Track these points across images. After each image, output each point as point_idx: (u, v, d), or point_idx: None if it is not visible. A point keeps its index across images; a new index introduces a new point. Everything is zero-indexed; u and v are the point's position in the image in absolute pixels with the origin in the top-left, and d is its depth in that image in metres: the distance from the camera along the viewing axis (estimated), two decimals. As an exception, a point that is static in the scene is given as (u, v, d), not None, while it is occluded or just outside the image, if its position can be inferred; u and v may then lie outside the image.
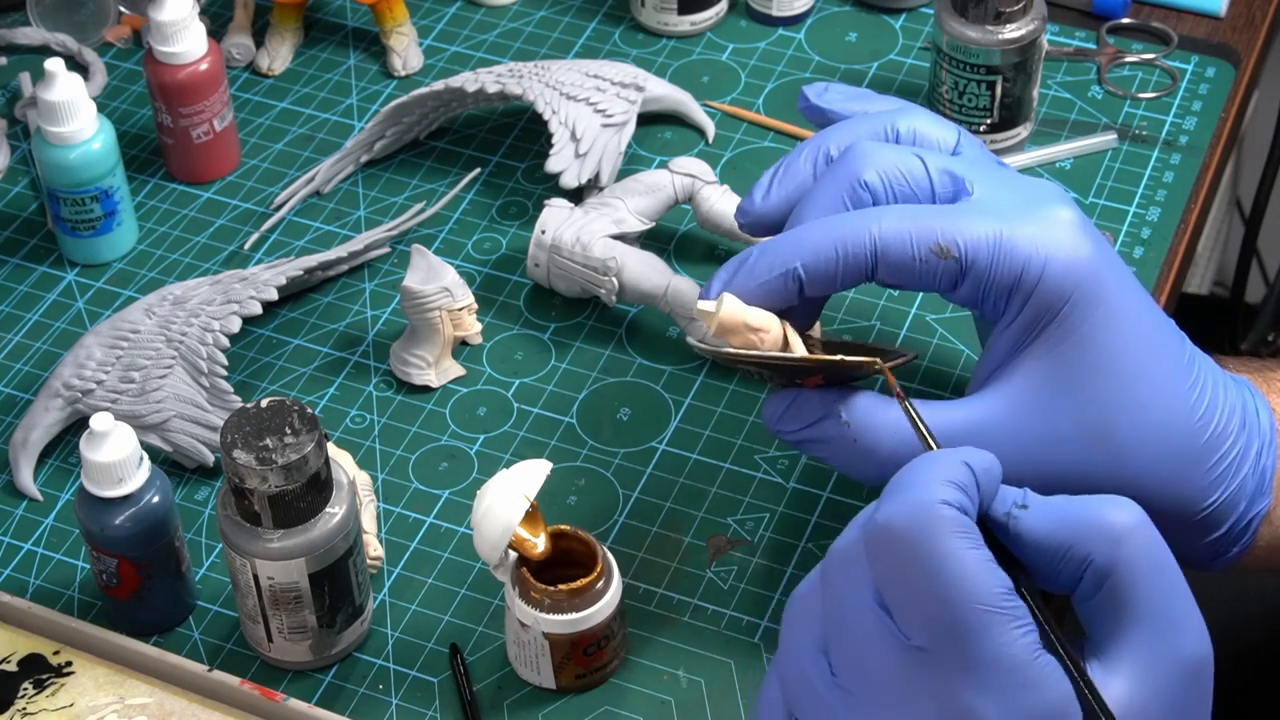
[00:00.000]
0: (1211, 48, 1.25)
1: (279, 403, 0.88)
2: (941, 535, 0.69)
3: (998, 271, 0.84)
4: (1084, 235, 0.84)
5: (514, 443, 1.04)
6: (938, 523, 0.69)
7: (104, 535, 0.91)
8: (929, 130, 0.90)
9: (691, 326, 1.06)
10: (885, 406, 0.85)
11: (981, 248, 0.84)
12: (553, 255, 1.08)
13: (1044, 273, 0.83)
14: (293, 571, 0.89)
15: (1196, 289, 1.93)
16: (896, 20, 1.28)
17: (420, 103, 1.18)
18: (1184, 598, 0.72)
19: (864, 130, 0.90)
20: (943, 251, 0.84)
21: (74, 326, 1.11)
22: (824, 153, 0.89)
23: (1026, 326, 0.84)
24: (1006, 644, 0.68)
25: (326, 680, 0.94)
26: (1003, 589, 0.68)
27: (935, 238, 0.84)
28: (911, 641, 0.69)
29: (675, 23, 1.27)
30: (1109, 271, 0.85)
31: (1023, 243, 0.84)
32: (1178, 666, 0.71)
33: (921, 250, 0.84)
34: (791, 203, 0.89)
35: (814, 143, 0.90)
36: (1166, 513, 0.86)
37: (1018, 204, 0.85)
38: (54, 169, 1.10)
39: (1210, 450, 0.86)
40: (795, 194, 0.89)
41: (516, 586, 0.90)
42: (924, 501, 0.69)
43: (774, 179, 0.90)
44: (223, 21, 1.29)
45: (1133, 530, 0.71)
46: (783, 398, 0.87)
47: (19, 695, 0.90)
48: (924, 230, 0.84)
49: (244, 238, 1.15)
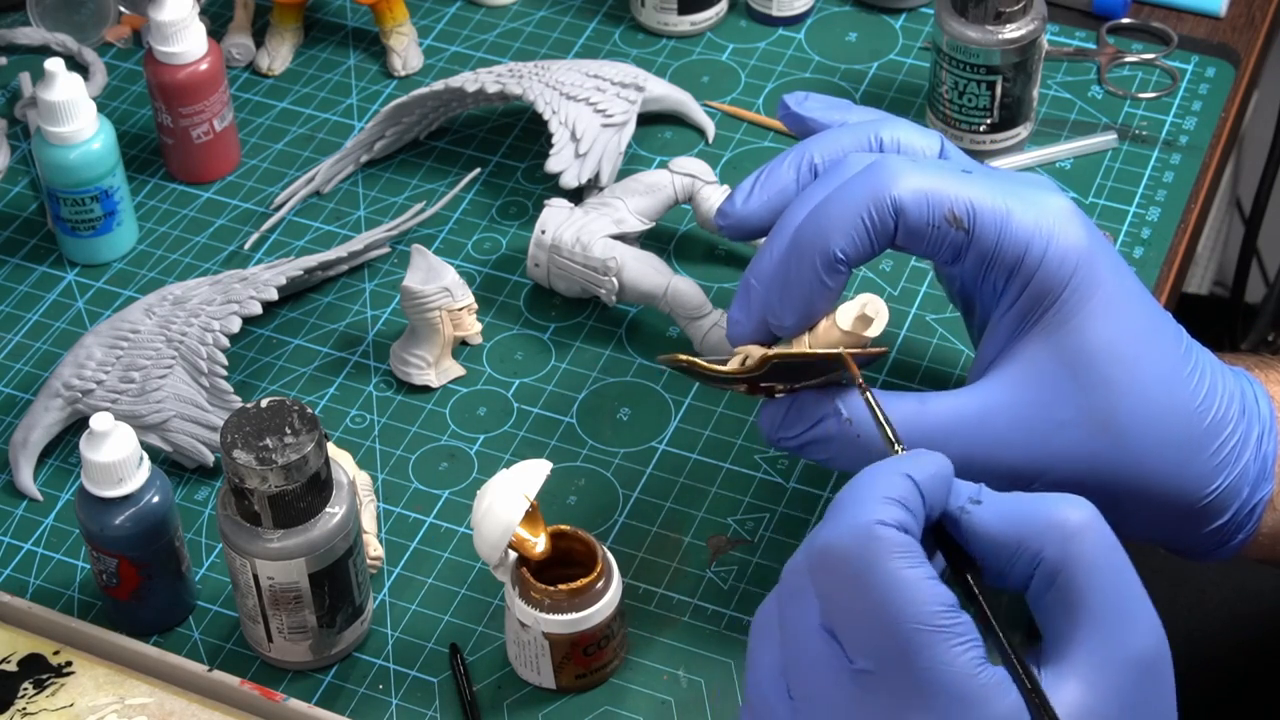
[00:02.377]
0: (1211, 48, 1.25)
1: (279, 403, 0.88)
2: (879, 557, 0.69)
3: (1002, 249, 0.84)
4: (1080, 223, 0.85)
5: (514, 443, 1.04)
6: (875, 544, 0.69)
7: (104, 535, 0.91)
8: (912, 139, 0.90)
9: (691, 327, 1.06)
10: (886, 400, 0.85)
11: (989, 222, 0.84)
12: (553, 255, 1.08)
13: (1045, 255, 0.84)
14: (293, 571, 0.89)
15: (1196, 289, 1.93)
16: (896, 20, 1.28)
17: (420, 103, 1.18)
18: (1136, 593, 0.71)
19: (848, 141, 0.90)
20: (954, 220, 0.85)
21: (74, 326, 1.11)
22: (808, 160, 0.90)
23: (1025, 311, 0.85)
24: (947, 663, 0.68)
25: (326, 680, 0.94)
26: (942, 606, 0.68)
27: (949, 206, 0.84)
28: (856, 665, 0.69)
29: (675, 23, 1.27)
30: (1105, 259, 0.85)
31: (1026, 223, 0.84)
32: (1130, 665, 0.71)
33: (935, 214, 0.85)
34: (773, 208, 0.90)
35: (798, 150, 0.91)
36: (1170, 499, 0.86)
37: (1017, 193, 0.86)
38: (54, 169, 1.10)
39: (1212, 435, 0.86)
40: (777, 199, 0.90)
41: (516, 586, 0.90)
42: (861, 523, 0.69)
43: (756, 183, 0.91)
44: (223, 21, 1.29)
45: (1084, 527, 0.71)
46: (779, 404, 0.87)
47: (19, 695, 0.90)
48: (936, 199, 0.85)
49: (244, 238, 1.15)
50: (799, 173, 0.90)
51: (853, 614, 0.69)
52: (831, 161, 0.89)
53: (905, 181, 0.84)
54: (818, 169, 0.89)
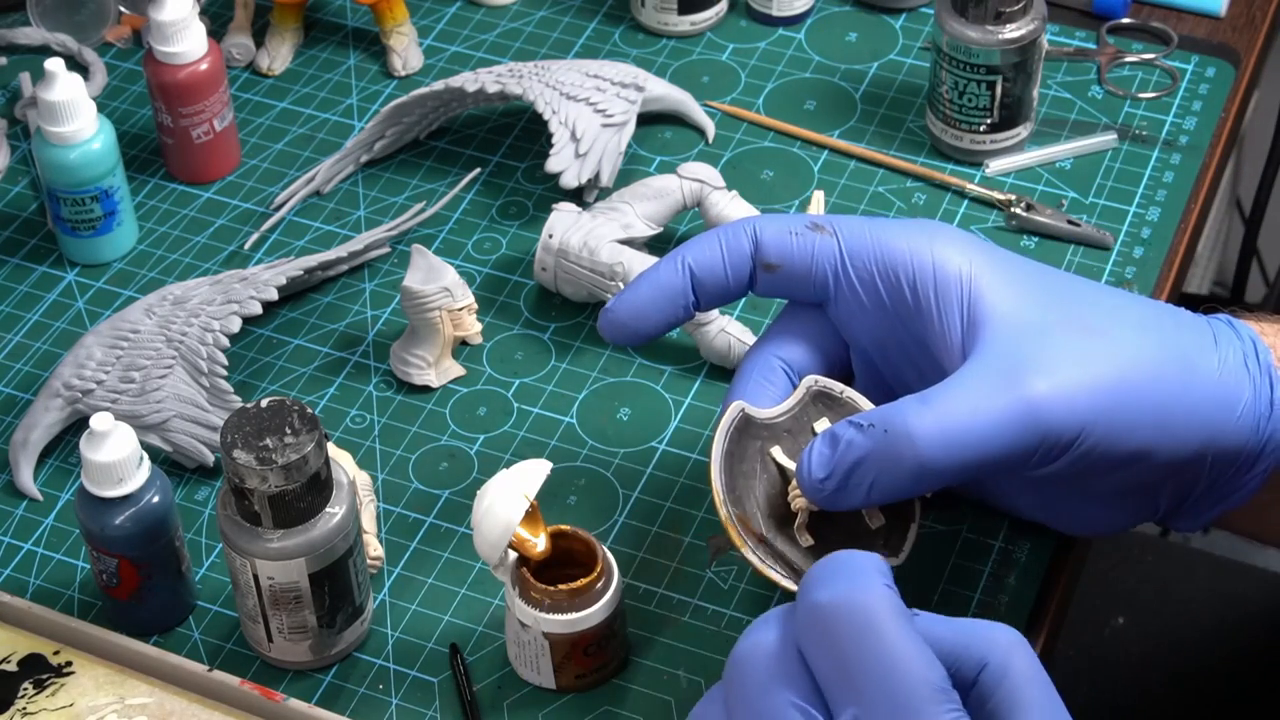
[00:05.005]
0: (1211, 48, 1.25)
1: (279, 403, 0.88)
2: (889, 613, 0.69)
3: (879, 254, 0.87)
4: (950, 228, 0.89)
5: (514, 443, 1.04)
6: (883, 602, 0.69)
7: (104, 535, 0.91)
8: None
9: (697, 333, 1.06)
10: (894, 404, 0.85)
11: (855, 227, 0.88)
12: (560, 259, 1.08)
13: (933, 251, 0.87)
14: (293, 571, 0.89)
15: (1196, 289, 1.93)
16: (896, 20, 1.28)
17: (420, 103, 1.18)
18: (1062, 706, 0.71)
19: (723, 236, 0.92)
20: (816, 226, 0.88)
21: (74, 326, 1.11)
22: (684, 262, 0.91)
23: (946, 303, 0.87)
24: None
25: (326, 680, 0.94)
26: (943, 677, 0.68)
27: (810, 221, 0.89)
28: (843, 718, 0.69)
29: (675, 23, 1.27)
30: (987, 243, 0.89)
31: (896, 231, 0.88)
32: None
33: (797, 225, 0.89)
34: (658, 305, 0.91)
35: (673, 256, 0.92)
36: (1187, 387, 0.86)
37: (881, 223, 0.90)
38: (54, 169, 1.10)
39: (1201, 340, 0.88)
40: (662, 295, 0.91)
41: (516, 586, 0.90)
42: (866, 583, 0.70)
43: (638, 286, 0.92)
44: (223, 21, 1.29)
45: (1020, 642, 0.71)
46: (804, 455, 0.86)
47: (19, 695, 0.90)
48: (797, 219, 0.90)
49: (244, 238, 1.15)
50: (679, 272, 0.91)
51: (855, 668, 0.68)
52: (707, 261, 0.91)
53: (764, 219, 0.90)
54: (693, 269, 0.91)
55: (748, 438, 0.88)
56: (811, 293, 0.90)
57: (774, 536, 0.86)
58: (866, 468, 0.83)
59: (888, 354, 0.90)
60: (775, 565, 0.86)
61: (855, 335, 0.91)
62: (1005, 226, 1.14)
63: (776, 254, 0.89)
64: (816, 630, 0.70)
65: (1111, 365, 0.84)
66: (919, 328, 0.87)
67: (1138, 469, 0.86)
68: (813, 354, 0.91)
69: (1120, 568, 1.32)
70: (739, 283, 0.90)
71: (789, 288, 0.90)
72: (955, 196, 1.16)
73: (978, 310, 0.85)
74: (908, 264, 0.87)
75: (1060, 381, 0.83)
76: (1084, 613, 1.28)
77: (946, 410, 0.82)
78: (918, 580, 0.96)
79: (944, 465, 0.82)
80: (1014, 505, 0.95)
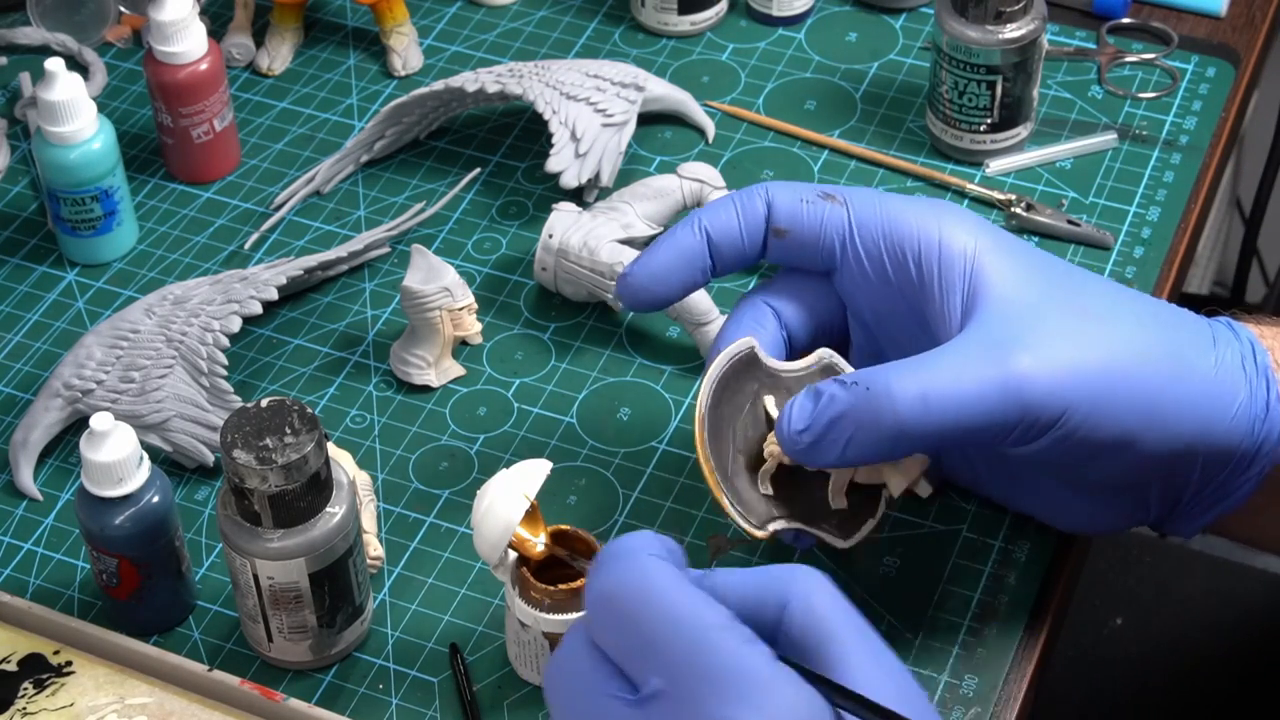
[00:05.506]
0: (1211, 48, 1.25)
1: (279, 403, 0.88)
2: (660, 575, 0.70)
3: (887, 227, 0.88)
4: (959, 208, 0.89)
5: (514, 443, 1.04)
6: (653, 567, 0.71)
7: (104, 535, 0.91)
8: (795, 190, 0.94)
9: (698, 333, 1.06)
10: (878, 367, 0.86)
11: (865, 199, 0.89)
12: (560, 259, 1.08)
13: (941, 228, 0.87)
14: (293, 571, 0.89)
15: (1196, 289, 1.93)
16: (896, 20, 1.28)
17: (420, 103, 1.18)
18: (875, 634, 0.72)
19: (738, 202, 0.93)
20: (828, 196, 0.89)
21: (74, 326, 1.11)
22: (700, 225, 0.91)
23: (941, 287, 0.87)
24: (748, 654, 0.68)
25: (326, 680, 0.94)
26: (727, 615, 0.69)
27: (822, 190, 0.90)
28: (649, 688, 0.69)
29: (675, 23, 1.27)
30: (995, 226, 0.89)
31: (908, 205, 0.88)
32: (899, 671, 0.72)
33: (809, 193, 0.89)
34: (677, 270, 0.92)
35: (690, 219, 0.92)
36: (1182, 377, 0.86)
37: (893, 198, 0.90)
38: (54, 169, 1.10)
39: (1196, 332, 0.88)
40: (681, 260, 0.92)
41: (516, 586, 0.90)
42: (636, 559, 0.71)
43: (655, 250, 0.92)
44: (223, 21, 1.29)
45: (819, 579, 0.72)
46: (788, 406, 0.86)
47: (19, 695, 0.90)
48: (810, 187, 0.91)
49: (244, 238, 1.15)
50: (697, 235, 0.92)
51: (645, 635, 0.69)
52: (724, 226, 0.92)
53: (778, 184, 0.90)
54: (709, 232, 0.91)
55: (747, 377, 0.88)
56: (818, 261, 0.90)
57: (736, 474, 0.87)
58: (845, 423, 0.83)
59: (887, 327, 0.91)
60: (735, 504, 0.87)
61: (857, 306, 0.91)
62: (1005, 226, 1.14)
63: (787, 219, 0.90)
64: (600, 618, 0.71)
65: (1102, 349, 0.84)
66: (920, 302, 0.88)
67: (1124, 459, 0.86)
68: (805, 313, 0.92)
69: (1119, 568, 1.32)
70: (754, 246, 0.91)
71: (797, 254, 0.91)
72: (955, 196, 1.16)
73: (978, 288, 0.86)
74: (914, 239, 0.88)
75: (1046, 359, 0.83)
76: (1083, 613, 1.28)
77: (930, 375, 0.83)
78: (918, 580, 0.96)
79: (922, 428, 0.82)
80: (1004, 494, 0.95)
